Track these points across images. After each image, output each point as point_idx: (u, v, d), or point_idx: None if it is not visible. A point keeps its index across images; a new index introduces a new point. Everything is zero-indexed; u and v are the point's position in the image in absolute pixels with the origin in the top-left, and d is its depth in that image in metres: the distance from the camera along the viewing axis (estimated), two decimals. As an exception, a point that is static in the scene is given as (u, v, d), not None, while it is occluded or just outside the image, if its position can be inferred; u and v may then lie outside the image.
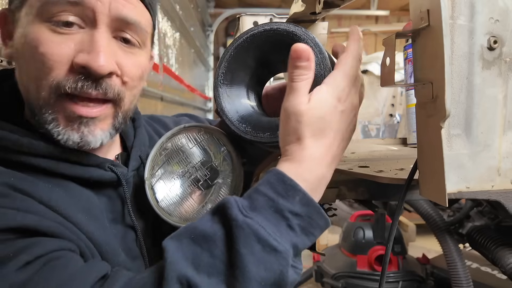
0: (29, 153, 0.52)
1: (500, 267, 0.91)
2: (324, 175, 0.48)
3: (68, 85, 0.50)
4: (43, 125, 0.52)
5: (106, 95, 0.53)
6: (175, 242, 0.44)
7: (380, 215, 1.77)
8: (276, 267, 0.42)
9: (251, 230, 0.42)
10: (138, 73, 0.57)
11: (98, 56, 0.50)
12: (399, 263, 1.68)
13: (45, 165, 0.52)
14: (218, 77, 0.57)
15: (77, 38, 0.51)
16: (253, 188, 0.46)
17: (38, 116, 0.52)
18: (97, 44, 0.50)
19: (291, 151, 0.47)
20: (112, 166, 0.58)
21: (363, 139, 2.38)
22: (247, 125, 0.55)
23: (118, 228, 0.59)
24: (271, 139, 0.53)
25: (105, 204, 0.58)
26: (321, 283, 1.82)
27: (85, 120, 0.52)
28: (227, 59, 0.57)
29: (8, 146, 0.51)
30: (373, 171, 0.58)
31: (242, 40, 0.56)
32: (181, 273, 0.41)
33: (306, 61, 0.46)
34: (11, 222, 0.44)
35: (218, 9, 5.06)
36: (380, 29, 5.00)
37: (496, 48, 0.42)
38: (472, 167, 0.43)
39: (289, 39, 0.54)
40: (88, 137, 0.53)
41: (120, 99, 0.55)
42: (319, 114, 0.47)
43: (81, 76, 0.50)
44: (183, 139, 0.61)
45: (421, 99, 0.44)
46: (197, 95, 3.99)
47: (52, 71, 0.50)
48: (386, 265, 0.53)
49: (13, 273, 0.41)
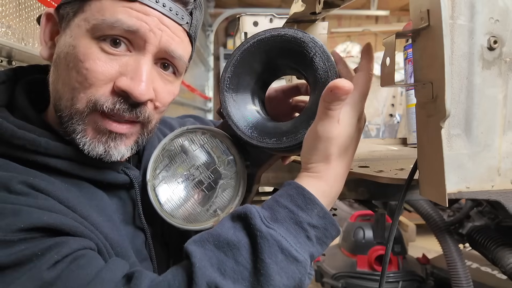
0: (45, 154, 0.52)
1: (500, 267, 0.91)
2: (341, 189, 0.53)
3: (106, 104, 0.51)
4: (71, 133, 0.53)
5: (138, 118, 0.55)
6: (200, 248, 0.46)
7: (380, 215, 1.77)
8: (296, 275, 0.46)
9: (274, 241, 0.45)
10: (169, 100, 0.59)
11: (140, 84, 0.51)
12: (399, 263, 1.68)
13: (61, 166, 0.53)
14: (224, 81, 0.57)
15: (122, 60, 0.52)
16: (273, 199, 0.49)
17: (66, 124, 0.53)
18: (141, 72, 0.52)
19: (318, 169, 0.50)
20: (125, 168, 0.60)
21: (363, 139, 2.38)
22: (253, 130, 0.56)
23: (128, 230, 0.59)
24: (277, 145, 0.54)
25: (116, 205, 0.59)
26: (321, 283, 1.82)
27: (114, 135, 0.54)
28: (234, 64, 0.57)
29: (25, 146, 0.51)
30: (373, 171, 0.58)
31: (249, 45, 0.56)
32: (211, 278, 0.43)
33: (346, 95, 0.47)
34: (37, 221, 0.44)
35: (218, 9, 5.05)
36: (380, 29, 5.00)
37: (496, 48, 0.42)
38: (472, 167, 0.43)
39: (296, 46, 0.54)
40: (112, 150, 0.54)
41: (149, 121, 0.57)
42: (347, 135, 0.50)
43: (120, 99, 0.52)
44: (186, 141, 0.61)
45: (421, 99, 0.44)
46: (197, 95, 3.99)
47: (92, 87, 0.51)
48: (386, 265, 0.53)
49: (44, 272, 0.42)
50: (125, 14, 0.50)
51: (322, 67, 0.52)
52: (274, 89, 0.69)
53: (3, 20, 0.82)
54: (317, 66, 0.53)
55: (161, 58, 0.55)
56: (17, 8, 0.87)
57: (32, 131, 0.53)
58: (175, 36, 0.55)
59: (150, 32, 0.52)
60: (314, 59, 0.53)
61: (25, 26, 0.89)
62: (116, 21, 0.50)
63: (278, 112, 0.68)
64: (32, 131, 0.53)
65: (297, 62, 0.56)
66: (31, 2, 0.91)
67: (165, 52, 0.54)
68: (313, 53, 0.53)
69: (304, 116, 0.54)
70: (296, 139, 0.52)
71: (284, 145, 0.53)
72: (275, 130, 0.55)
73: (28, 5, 0.91)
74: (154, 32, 0.52)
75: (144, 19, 0.51)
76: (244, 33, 0.97)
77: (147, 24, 0.51)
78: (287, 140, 0.53)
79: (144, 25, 0.51)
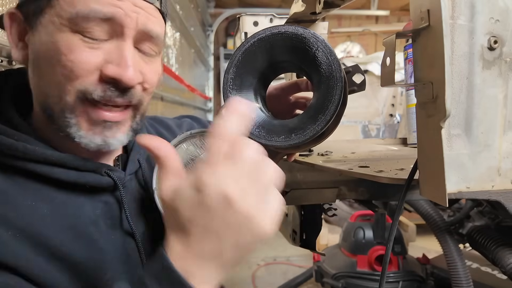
0: (23, 158, 0.52)
1: (500, 267, 0.91)
2: None
3: (96, 93, 0.52)
4: (64, 128, 0.53)
5: (131, 102, 0.55)
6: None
7: (380, 215, 1.77)
8: None
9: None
10: (156, 79, 0.59)
11: (128, 69, 0.52)
12: (399, 263, 1.68)
13: (40, 170, 0.52)
14: (227, 83, 0.57)
15: (104, 48, 0.52)
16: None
17: (59, 120, 0.53)
18: (126, 57, 0.52)
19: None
20: (108, 171, 0.58)
21: (363, 139, 2.38)
22: (260, 129, 0.56)
23: (117, 235, 0.58)
24: (286, 142, 0.54)
25: (101, 210, 0.57)
26: (321, 283, 1.82)
27: (109, 124, 0.54)
28: (235, 64, 0.57)
29: (3, 151, 0.51)
30: (373, 171, 0.58)
31: (250, 44, 0.56)
32: None
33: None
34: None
35: (218, 9, 5.06)
36: (380, 29, 5.00)
37: (496, 48, 0.42)
38: (472, 167, 0.43)
39: (297, 42, 0.54)
40: (110, 140, 0.55)
41: (140, 104, 0.58)
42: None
43: (109, 86, 0.52)
44: (191, 146, 0.60)
45: (421, 99, 0.44)
46: (197, 95, 3.99)
47: (79, 77, 0.51)
48: (386, 265, 0.53)
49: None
50: (97, 2, 0.50)
51: (325, 61, 0.53)
52: (273, 87, 0.69)
53: (3, 20, 0.82)
54: (320, 61, 0.53)
55: (140, 41, 0.55)
56: (17, 8, 0.87)
57: (11, 135, 0.52)
58: (151, 16, 0.55)
59: (126, 17, 0.52)
60: (316, 54, 0.53)
61: (25, 26, 0.89)
62: (90, 11, 0.50)
63: (278, 110, 0.68)
64: (11, 135, 0.52)
65: (300, 59, 0.56)
66: (31, 2, 0.91)
67: (144, 33, 0.55)
68: (315, 48, 0.53)
69: (311, 112, 0.54)
70: (305, 135, 0.53)
71: (293, 142, 0.53)
72: (282, 127, 0.55)
73: (28, 5, 0.90)
74: (130, 16, 0.52)
75: (118, 5, 0.51)
76: (244, 33, 0.97)
77: (121, 9, 0.51)
78: (296, 137, 0.53)
79: (119, 11, 0.51)
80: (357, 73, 0.63)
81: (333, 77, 0.51)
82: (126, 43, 0.53)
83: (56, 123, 0.53)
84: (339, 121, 0.57)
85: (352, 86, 0.62)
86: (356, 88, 0.63)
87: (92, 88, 0.51)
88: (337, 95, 0.51)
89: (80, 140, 0.53)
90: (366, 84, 0.62)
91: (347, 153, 0.87)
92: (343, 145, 1.08)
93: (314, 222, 1.03)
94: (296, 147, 0.55)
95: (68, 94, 0.52)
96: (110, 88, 0.52)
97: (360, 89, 0.63)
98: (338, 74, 0.51)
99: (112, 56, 0.52)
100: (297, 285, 2.30)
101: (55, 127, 0.54)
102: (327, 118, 0.51)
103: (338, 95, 0.51)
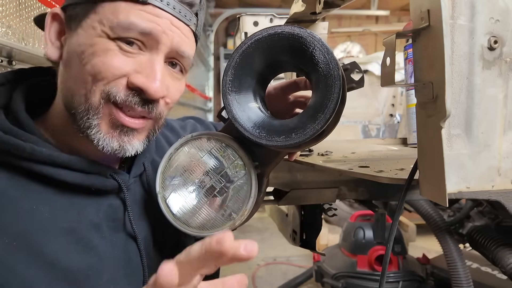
0: (29, 159, 0.52)
1: (500, 267, 0.91)
2: None
3: (119, 95, 0.53)
4: (85, 130, 0.54)
5: (150, 114, 0.56)
6: None
7: (380, 215, 1.77)
8: None
9: None
10: (178, 96, 0.61)
11: (155, 82, 0.54)
12: (399, 263, 1.68)
13: (46, 171, 0.53)
14: (226, 84, 0.57)
15: (137, 59, 0.54)
16: None
17: (81, 120, 0.54)
18: (156, 70, 0.54)
19: None
20: (113, 173, 0.59)
21: (363, 139, 2.38)
22: (260, 130, 0.56)
23: (119, 237, 0.59)
24: (287, 142, 0.54)
25: (105, 213, 0.58)
26: (321, 283, 1.82)
27: (126, 129, 0.55)
28: (233, 66, 0.57)
29: (10, 151, 0.51)
30: (373, 171, 0.58)
31: (247, 45, 0.57)
32: None
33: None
34: None
35: (218, 9, 5.05)
36: (380, 29, 5.00)
37: (496, 48, 0.42)
38: (472, 167, 0.43)
39: (294, 42, 0.54)
40: (127, 145, 0.56)
41: (160, 117, 0.59)
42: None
43: (134, 92, 0.54)
44: (193, 149, 0.60)
45: (421, 99, 0.44)
46: (197, 95, 3.99)
47: (105, 79, 0.52)
48: (386, 265, 0.53)
49: None
50: (138, 17, 0.52)
51: (323, 60, 0.53)
52: (273, 87, 0.69)
53: (4, 20, 0.82)
54: (317, 60, 0.53)
55: (170, 57, 0.57)
56: (17, 8, 0.87)
57: (19, 136, 0.52)
58: (185, 36, 0.57)
59: (163, 34, 0.54)
60: (314, 53, 0.53)
61: (25, 26, 0.90)
62: (130, 24, 0.52)
63: (278, 109, 0.68)
64: (19, 136, 0.52)
65: (297, 58, 0.56)
66: (31, 2, 0.91)
67: (176, 52, 0.57)
68: (312, 48, 0.53)
69: (310, 111, 0.54)
70: (305, 134, 0.53)
71: (293, 141, 0.53)
72: (282, 127, 0.56)
73: (28, 5, 0.91)
74: (166, 34, 0.54)
75: (157, 21, 0.53)
76: (244, 33, 0.97)
77: (159, 26, 0.53)
78: (296, 136, 0.53)
79: (157, 27, 0.53)
80: (355, 70, 0.63)
81: (331, 76, 0.52)
82: (158, 57, 0.55)
83: (77, 123, 0.54)
84: (338, 119, 0.57)
85: (351, 83, 0.62)
86: (355, 85, 0.63)
87: (115, 90, 0.53)
88: (336, 93, 0.51)
89: (98, 142, 0.54)
90: (364, 81, 0.62)
91: (347, 153, 0.87)
92: (343, 145, 1.08)
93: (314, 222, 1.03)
94: (296, 147, 0.56)
95: (93, 95, 0.53)
96: (133, 93, 0.53)
97: (359, 86, 0.63)
98: (335, 72, 0.51)
99: (143, 67, 0.54)
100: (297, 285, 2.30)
101: (75, 127, 0.55)
102: (326, 116, 0.51)
103: (337, 93, 0.51)
